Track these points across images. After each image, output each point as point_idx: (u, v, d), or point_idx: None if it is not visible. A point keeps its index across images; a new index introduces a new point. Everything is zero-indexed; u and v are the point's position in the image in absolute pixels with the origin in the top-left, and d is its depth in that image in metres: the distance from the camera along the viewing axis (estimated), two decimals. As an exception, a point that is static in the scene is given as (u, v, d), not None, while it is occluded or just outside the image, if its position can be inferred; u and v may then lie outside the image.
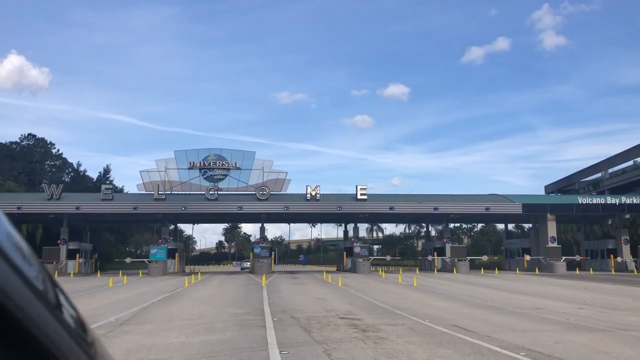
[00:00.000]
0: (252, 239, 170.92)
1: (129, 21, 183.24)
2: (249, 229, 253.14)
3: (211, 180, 49.50)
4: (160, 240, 50.14)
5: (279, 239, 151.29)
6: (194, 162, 49.99)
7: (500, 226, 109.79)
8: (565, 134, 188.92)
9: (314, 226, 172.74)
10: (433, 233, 62.71)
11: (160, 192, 47.66)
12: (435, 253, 51.87)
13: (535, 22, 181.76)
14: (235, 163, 50.21)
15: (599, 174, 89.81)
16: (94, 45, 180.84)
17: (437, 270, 48.86)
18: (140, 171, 49.67)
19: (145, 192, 49.27)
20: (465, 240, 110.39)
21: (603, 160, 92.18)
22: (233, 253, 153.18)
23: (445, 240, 51.46)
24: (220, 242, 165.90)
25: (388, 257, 49.79)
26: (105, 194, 46.92)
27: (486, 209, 48.27)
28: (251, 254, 53.48)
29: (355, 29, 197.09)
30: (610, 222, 62.48)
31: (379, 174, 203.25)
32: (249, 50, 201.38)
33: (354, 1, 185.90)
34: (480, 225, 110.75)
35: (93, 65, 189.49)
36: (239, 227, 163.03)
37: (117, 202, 47.67)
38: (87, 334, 0.78)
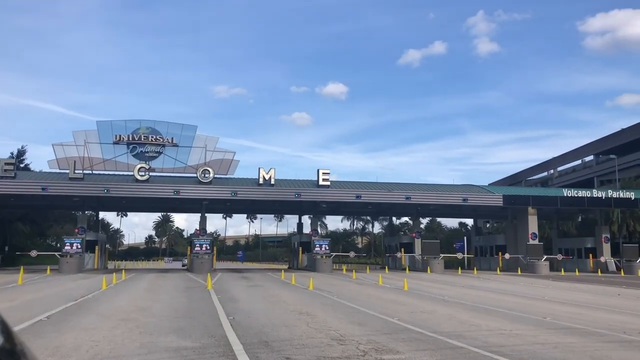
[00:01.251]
0: (186, 234, 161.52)
1: (58, 5, 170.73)
2: (182, 223, 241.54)
3: (142, 159, 40.81)
4: (76, 230, 41.04)
5: (214, 234, 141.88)
6: (120, 136, 41.11)
7: (449, 222, 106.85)
8: (494, 138, 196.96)
9: (252, 221, 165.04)
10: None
11: (77, 171, 38.59)
12: (403, 250, 45.42)
13: (471, 28, 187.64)
14: (172, 138, 41.75)
15: (545, 173, 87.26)
16: (19, 28, 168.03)
17: (408, 269, 42.48)
18: (53, 144, 40.35)
19: (58, 171, 40.00)
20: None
21: (551, 159, 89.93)
22: (164, 248, 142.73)
23: (414, 235, 45.06)
24: (150, 237, 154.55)
25: (352, 254, 42.98)
26: (5, 170, 37.31)
27: (463, 200, 42.19)
28: (188, 248, 45.11)
29: (295, 27, 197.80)
30: (580, 218, 58.29)
31: (315, 172, 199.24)
32: (184, 42, 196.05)
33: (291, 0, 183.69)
34: (445, 221, 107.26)
35: (17, 50, 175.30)
36: (172, 221, 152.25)
37: (20, 182, 38.13)
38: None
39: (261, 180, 40.53)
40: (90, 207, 45.75)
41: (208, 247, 39.52)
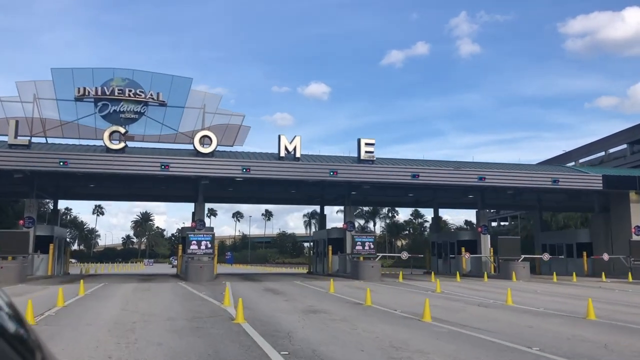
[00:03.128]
0: (167, 234, 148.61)
1: (33, 3, 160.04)
2: (162, 223, 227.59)
3: (115, 122, 29.13)
4: (21, 222, 29.15)
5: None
6: (85, 90, 29.31)
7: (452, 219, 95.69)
8: (473, 140, 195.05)
9: (239, 220, 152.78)
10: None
11: (20, 135, 26.89)
12: (464, 250, 34.29)
13: (453, 29, 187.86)
14: (158, 94, 30.08)
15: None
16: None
17: (462, 275, 31.51)
18: (-12, 100, 28.47)
19: (-6, 137, 28.22)
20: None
21: (573, 150, 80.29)
22: (143, 250, 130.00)
23: (480, 230, 33.93)
24: (128, 237, 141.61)
25: (405, 254, 31.46)
26: None
27: (553, 181, 31.28)
28: (179, 248, 33.33)
29: (277, 28, 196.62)
30: None
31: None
32: (163, 42, 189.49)
33: (273, 1, 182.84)
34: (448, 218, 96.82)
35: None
36: (151, 219, 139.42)
37: None
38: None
39: (282, 153, 29.13)
40: (44, 192, 33.71)
41: (209, 246, 27.99)
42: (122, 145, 27.43)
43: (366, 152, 29.85)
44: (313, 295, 18.98)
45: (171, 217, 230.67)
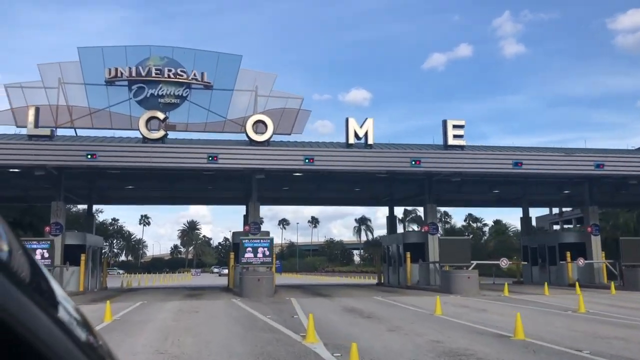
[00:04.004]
0: (213, 243, 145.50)
1: (80, 22, 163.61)
2: (208, 232, 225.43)
3: (153, 107, 24.45)
4: (47, 229, 24.75)
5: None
6: (118, 71, 24.82)
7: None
8: (518, 142, 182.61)
9: (285, 228, 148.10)
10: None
11: (42, 126, 22.55)
12: (569, 254, 28.14)
13: (497, 29, 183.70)
14: (204, 74, 25.29)
15: None
16: (44, 45, 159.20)
17: (573, 285, 25.36)
18: (5, 86, 24.31)
19: (14, 128, 24.03)
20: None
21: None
22: (190, 259, 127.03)
23: (590, 230, 27.76)
24: (175, 247, 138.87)
25: (504, 261, 25.45)
26: None
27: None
28: (230, 256, 28.27)
29: (316, 35, 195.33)
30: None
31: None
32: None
33: (312, 9, 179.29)
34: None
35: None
36: (198, 228, 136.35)
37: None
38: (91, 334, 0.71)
39: (351, 139, 23.87)
40: (74, 194, 29.34)
41: (267, 253, 22.96)
42: (161, 134, 22.75)
43: (455, 136, 24.31)
44: (420, 321, 13.58)
45: (217, 226, 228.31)
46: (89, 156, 21.32)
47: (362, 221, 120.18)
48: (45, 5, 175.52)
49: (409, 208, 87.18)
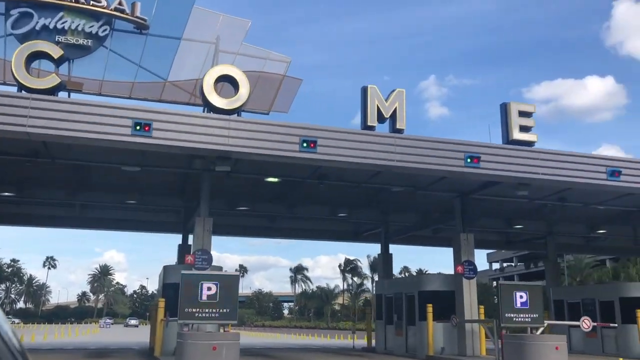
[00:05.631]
0: (128, 291, 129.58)
1: None
2: (122, 278, 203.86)
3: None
4: None
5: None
6: (-12, -16, 14.88)
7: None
8: None
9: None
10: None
11: None
12: (430, 308, 19.33)
13: (423, 92, 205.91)
14: (135, 6, 15.60)
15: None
16: None
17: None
18: None
19: None
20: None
21: None
22: (100, 308, 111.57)
23: (461, 270, 19.01)
24: (83, 294, 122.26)
25: (586, 323, 16.85)
26: None
27: None
28: (160, 305, 17.68)
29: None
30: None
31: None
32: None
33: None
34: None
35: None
36: (111, 273, 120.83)
37: None
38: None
39: (370, 120, 14.81)
40: None
41: (228, 300, 13.07)
42: (51, 82, 12.89)
43: (521, 127, 15.83)
44: None
45: (132, 274, 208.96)
46: None
47: (298, 270, 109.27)
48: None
49: (375, 254, 77.53)
